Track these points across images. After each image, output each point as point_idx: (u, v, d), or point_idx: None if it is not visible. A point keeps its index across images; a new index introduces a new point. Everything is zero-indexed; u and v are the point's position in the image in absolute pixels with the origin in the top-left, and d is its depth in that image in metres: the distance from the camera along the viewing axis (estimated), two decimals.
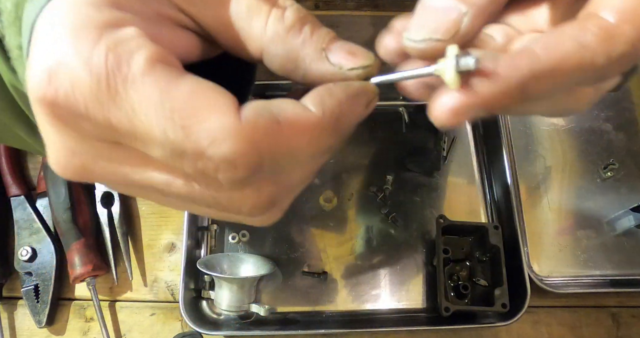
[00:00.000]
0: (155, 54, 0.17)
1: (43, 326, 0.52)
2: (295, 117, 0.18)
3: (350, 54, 0.21)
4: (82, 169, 0.19)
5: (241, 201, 0.20)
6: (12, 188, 0.57)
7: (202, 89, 0.17)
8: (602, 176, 0.58)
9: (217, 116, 0.17)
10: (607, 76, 0.20)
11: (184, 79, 0.17)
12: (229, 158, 0.17)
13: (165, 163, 0.18)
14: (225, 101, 0.17)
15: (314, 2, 0.70)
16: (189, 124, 0.17)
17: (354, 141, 0.61)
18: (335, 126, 0.20)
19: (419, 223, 0.57)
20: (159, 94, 0.17)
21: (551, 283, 0.54)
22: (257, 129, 0.17)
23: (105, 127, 0.17)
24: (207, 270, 0.50)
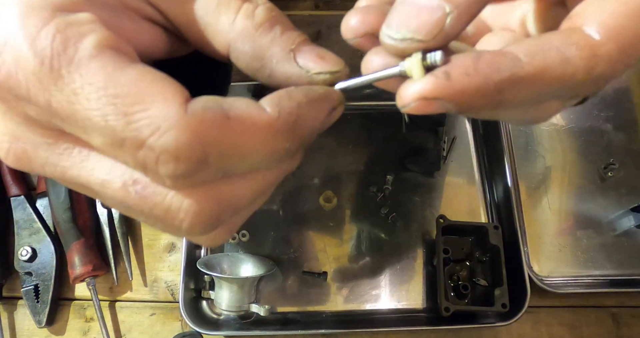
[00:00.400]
0: (106, 40, 0.17)
1: (43, 326, 0.52)
2: (247, 114, 0.17)
3: (319, 58, 0.20)
4: (23, 156, 0.19)
5: (181, 210, 0.18)
6: (12, 188, 0.57)
7: (149, 78, 0.16)
8: (602, 176, 0.58)
9: (161, 104, 0.16)
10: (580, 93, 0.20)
11: (132, 67, 0.16)
12: (170, 148, 0.16)
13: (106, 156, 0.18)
14: (172, 90, 0.16)
15: (314, 2, 0.70)
16: (132, 111, 0.16)
17: (354, 141, 0.61)
18: (292, 129, 0.19)
19: (419, 223, 0.57)
20: (103, 79, 0.16)
21: (551, 283, 0.54)
22: (204, 122, 0.16)
23: (46, 110, 0.17)
24: (207, 270, 0.50)
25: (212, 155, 0.17)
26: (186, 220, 0.18)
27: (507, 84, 0.17)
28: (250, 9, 0.20)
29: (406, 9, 0.18)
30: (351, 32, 0.21)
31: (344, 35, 0.21)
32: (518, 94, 0.18)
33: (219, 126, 0.17)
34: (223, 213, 0.19)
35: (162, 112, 0.16)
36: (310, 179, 0.60)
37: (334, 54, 0.20)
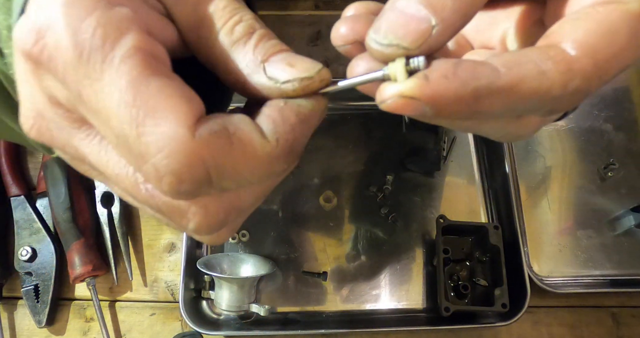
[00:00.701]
0: (140, 42, 0.17)
1: (43, 326, 0.52)
2: (248, 141, 0.18)
3: (289, 66, 0.20)
4: (46, 133, 0.20)
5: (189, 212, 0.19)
6: (12, 188, 0.57)
7: (168, 92, 0.17)
8: (602, 176, 0.58)
9: (173, 124, 0.17)
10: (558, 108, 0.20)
11: (156, 77, 0.17)
12: (174, 170, 0.17)
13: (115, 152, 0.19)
14: (186, 109, 0.17)
15: (314, 2, 0.70)
16: (144, 123, 0.17)
17: (353, 141, 0.61)
18: (289, 153, 0.20)
19: (419, 223, 0.57)
20: (126, 84, 0.17)
21: (551, 283, 0.54)
22: (209, 147, 0.17)
23: (75, 98, 0.18)
24: (207, 270, 0.50)
25: (214, 177, 0.18)
26: (193, 221, 0.19)
27: (484, 92, 0.17)
28: (231, 24, 0.20)
29: (394, 16, 0.18)
30: (340, 39, 0.21)
31: (333, 42, 0.21)
32: (495, 104, 0.18)
33: (223, 152, 0.18)
34: (228, 215, 0.20)
35: (171, 132, 0.17)
36: (310, 179, 0.60)
37: (309, 60, 0.20)
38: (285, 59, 0.20)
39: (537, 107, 0.19)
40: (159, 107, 0.17)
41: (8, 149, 0.59)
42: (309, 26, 0.68)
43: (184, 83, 0.18)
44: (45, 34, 0.17)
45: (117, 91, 0.17)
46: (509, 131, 0.22)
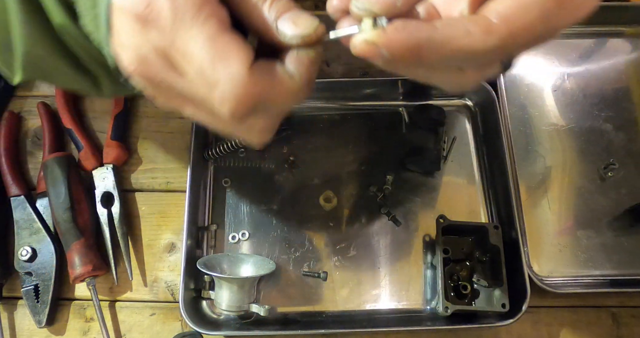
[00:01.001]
0: (213, 11, 0.26)
1: (43, 326, 0.52)
2: (283, 80, 0.27)
3: (293, 24, 0.27)
4: (147, 72, 0.28)
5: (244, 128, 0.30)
6: (12, 188, 0.57)
7: (234, 43, 0.26)
8: (602, 176, 0.58)
9: (237, 64, 0.25)
10: (485, 62, 0.28)
11: (225, 34, 0.26)
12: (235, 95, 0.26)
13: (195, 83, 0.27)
14: (245, 56, 0.26)
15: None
16: (219, 62, 0.25)
17: (354, 141, 0.61)
18: (306, 86, 0.28)
19: (419, 223, 0.57)
20: (207, 37, 0.25)
21: (551, 283, 0.54)
22: (259, 83, 0.26)
23: (170, 44, 0.26)
24: (207, 270, 0.50)
25: (259, 103, 0.27)
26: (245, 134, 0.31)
27: (424, 43, 0.24)
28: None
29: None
30: (332, 8, 0.28)
31: (328, 10, 0.28)
32: (433, 54, 0.25)
33: (267, 86, 0.26)
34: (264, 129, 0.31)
35: (236, 69, 0.25)
36: (310, 179, 0.60)
37: (309, 18, 0.27)
38: (291, 18, 0.27)
39: (469, 60, 0.27)
40: (228, 53, 0.25)
41: (8, 149, 0.59)
42: None
43: (241, 38, 0.26)
44: (152, 1, 0.25)
45: (200, 40, 0.25)
46: (454, 82, 0.29)
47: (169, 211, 0.58)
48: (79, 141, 0.59)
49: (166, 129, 0.63)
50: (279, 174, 0.60)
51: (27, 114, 0.63)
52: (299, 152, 0.61)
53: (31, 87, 0.65)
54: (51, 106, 0.62)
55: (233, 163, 0.61)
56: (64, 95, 0.61)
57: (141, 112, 0.63)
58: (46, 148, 0.59)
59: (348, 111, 0.63)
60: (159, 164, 0.61)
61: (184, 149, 0.61)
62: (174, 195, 0.59)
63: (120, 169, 0.60)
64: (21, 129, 0.63)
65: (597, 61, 0.65)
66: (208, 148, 0.59)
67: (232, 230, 0.57)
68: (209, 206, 0.59)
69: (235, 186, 0.59)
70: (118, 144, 0.59)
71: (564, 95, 0.63)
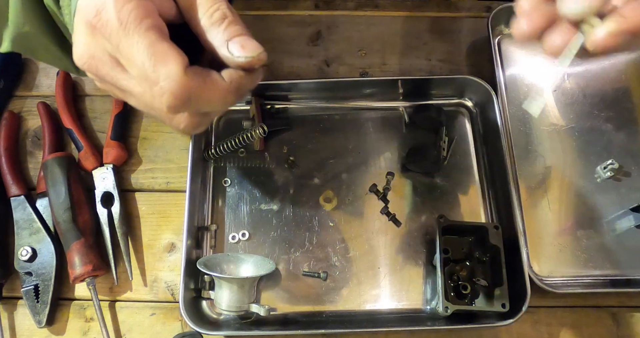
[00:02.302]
0: (154, 22, 0.31)
1: (43, 326, 0.52)
2: (215, 81, 0.32)
3: (241, 47, 0.32)
4: (92, 67, 0.33)
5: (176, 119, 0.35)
6: (12, 188, 0.57)
7: (171, 50, 0.31)
8: (602, 176, 0.58)
9: (174, 65, 0.30)
10: None
11: (164, 41, 0.31)
12: (172, 90, 0.30)
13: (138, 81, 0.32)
14: (181, 59, 0.31)
15: (314, 2, 0.70)
16: (158, 64, 0.30)
17: (354, 141, 0.61)
18: (236, 91, 0.34)
19: (419, 223, 0.57)
20: (148, 43, 0.30)
21: (551, 283, 0.54)
22: (192, 81, 0.31)
23: (115, 48, 0.31)
24: (207, 270, 0.50)
25: (192, 99, 0.31)
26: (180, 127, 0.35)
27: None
28: (211, 11, 0.33)
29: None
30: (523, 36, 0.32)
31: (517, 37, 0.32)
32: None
33: (199, 86, 0.31)
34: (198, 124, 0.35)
35: (174, 70, 0.30)
36: (310, 179, 0.60)
37: (255, 45, 0.33)
38: (240, 42, 0.33)
39: None
40: (166, 57, 0.30)
41: (8, 149, 0.59)
42: (309, 26, 0.68)
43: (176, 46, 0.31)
44: (102, 11, 0.30)
45: (142, 47, 0.30)
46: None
47: (169, 211, 0.58)
48: (79, 141, 0.59)
49: (166, 129, 0.63)
50: (279, 174, 0.60)
51: (27, 114, 0.63)
52: (299, 152, 0.61)
53: (31, 87, 0.65)
54: (51, 106, 0.62)
55: (233, 163, 0.61)
56: (64, 95, 0.61)
57: (141, 113, 0.63)
58: (46, 148, 0.59)
59: (348, 111, 0.63)
60: (159, 164, 0.61)
61: (184, 149, 0.61)
62: (174, 195, 0.59)
63: (120, 169, 0.60)
64: (21, 129, 0.63)
65: (597, 61, 0.65)
66: (208, 148, 0.59)
67: (232, 230, 0.57)
68: (209, 206, 0.59)
69: (235, 186, 0.59)
70: (118, 144, 0.59)
71: (564, 95, 0.63)
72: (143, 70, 0.30)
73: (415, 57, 0.66)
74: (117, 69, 0.32)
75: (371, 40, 0.67)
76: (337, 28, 0.68)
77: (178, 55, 0.30)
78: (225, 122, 0.63)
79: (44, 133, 0.60)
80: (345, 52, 0.67)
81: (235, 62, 0.33)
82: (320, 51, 0.67)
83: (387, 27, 0.68)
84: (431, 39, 0.67)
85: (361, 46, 0.67)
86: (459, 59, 0.66)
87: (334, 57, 0.66)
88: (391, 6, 0.69)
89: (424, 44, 0.67)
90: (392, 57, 0.66)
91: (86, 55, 0.32)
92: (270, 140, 0.61)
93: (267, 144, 0.61)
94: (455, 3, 0.70)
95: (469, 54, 0.66)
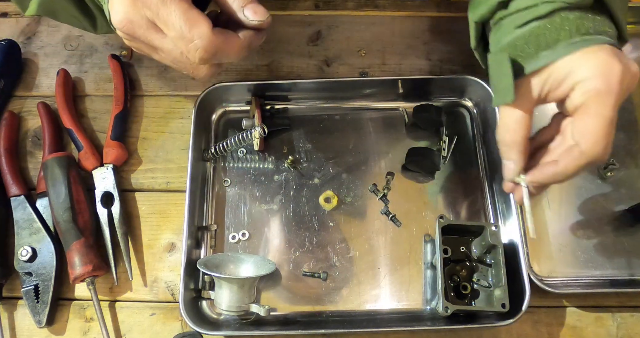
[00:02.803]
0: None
1: (43, 326, 0.52)
2: (232, 38, 0.41)
3: (254, 12, 0.41)
4: (130, 30, 0.40)
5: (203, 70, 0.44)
6: (12, 188, 0.57)
7: (200, 15, 0.39)
8: (602, 176, 0.58)
9: (204, 28, 0.38)
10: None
11: (193, 9, 0.39)
12: (204, 45, 0.39)
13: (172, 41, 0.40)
14: (208, 23, 0.39)
15: (314, 2, 0.70)
16: (192, 26, 0.38)
17: (354, 141, 0.61)
18: (248, 46, 0.43)
19: (419, 223, 0.57)
20: (183, 11, 0.38)
21: (551, 283, 0.54)
22: (217, 39, 0.39)
23: (155, 14, 0.38)
24: (207, 270, 0.50)
25: (217, 52, 0.40)
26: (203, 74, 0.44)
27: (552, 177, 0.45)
28: None
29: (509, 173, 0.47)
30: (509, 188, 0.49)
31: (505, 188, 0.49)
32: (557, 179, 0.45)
33: (223, 42, 0.40)
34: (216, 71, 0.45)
35: (205, 31, 0.38)
36: (310, 179, 0.60)
37: (263, 9, 0.42)
38: (253, 8, 0.41)
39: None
40: (198, 21, 0.38)
41: (8, 149, 0.59)
42: (309, 26, 0.68)
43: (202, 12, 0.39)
44: None
45: (178, 14, 0.38)
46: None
47: (169, 211, 0.58)
48: (79, 141, 0.59)
49: (166, 129, 0.63)
50: (279, 174, 0.60)
51: (27, 114, 0.63)
52: (299, 152, 0.61)
53: (31, 87, 0.65)
54: (51, 106, 0.62)
55: (233, 163, 0.61)
56: (64, 95, 0.61)
57: (141, 112, 0.63)
58: (46, 148, 0.59)
59: (348, 111, 0.63)
60: (159, 164, 0.61)
61: (184, 149, 0.61)
62: (174, 195, 0.59)
63: (120, 169, 0.60)
64: (21, 129, 0.63)
65: None
66: (208, 148, 0.59)
67: (232, 230, 0.57)
68: (209, 206, 0.59)
69: (235, 186, 0.59)
70: (118, 144, 0.59)
71: None
72: (180, 32, 0.38)
73: (415, 57, 0.66)
74: (151, 30, 0.40)
75: (371, 40, 0.67)
76: (337, 28, 0.68)
77: (206, 19, 0.39)
78: (225, 122, 0.63)
79: (44, 133, 0.60)
80: (345, 52, 0.67)
81: (249, 24, 0.42)
82: (320, 51, 0.67)
83: (387, 27, 0.68)
84: (431, 39, 0.67)
85: (361, 46, 0.67)
86: (459, 59, 0.66)
87: (334, 57, 0.66)
88: (391, 6, 0.69)
89: (424, 44, 0.67)
90: (392, 57, 0.66)
91: (125, 20, 0.39)
92: (270, 140, 0.61)
93: (267, 144, 0.61)
94: (455, 3, 0.70)
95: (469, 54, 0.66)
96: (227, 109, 0.63)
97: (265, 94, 0.61)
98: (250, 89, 0.61)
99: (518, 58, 0.43)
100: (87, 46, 0.67)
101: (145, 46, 0.42)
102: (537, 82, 0.42)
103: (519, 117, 0.44)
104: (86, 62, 0.66)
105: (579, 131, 0.41)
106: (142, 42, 0.41)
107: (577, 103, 0.41)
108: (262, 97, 0.61)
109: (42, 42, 0.68)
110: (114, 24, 0.40)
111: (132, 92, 0.64)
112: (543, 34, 0.42)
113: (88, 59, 0.67)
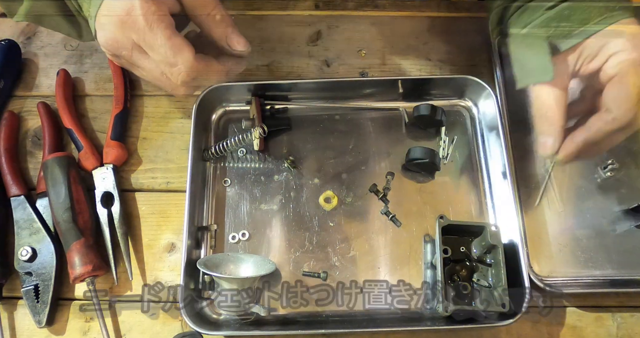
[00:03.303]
0: (169, 21, 0.43)
1: (43, 326, 0.52)
2: (214, 65, 0.47)
3: (237, 43, 0.47)
4: (116, 48, 0.44)
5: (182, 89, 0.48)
6: (12, 188, 0.57)
7: (184, 41, 0.44)
8: (602, 176, 0.58)
9: (187, 54, 0.44)
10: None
11: (178, 36, 0.43)
12: (187, 69, 0.44)
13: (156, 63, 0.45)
14: (191, 48, 0.44)
15: (314, 2, 0.70)
16: (176, 53, 0.43)
17: (354, 141, 0.61)
18: (227, 73, 0.49)
19: (419, 223, 0.57)
20: (167, 37, 0.42)
21: (551, 283, 0.54)
22: (199, 64, 0.45)
23: (142, 38, 0.42)
24: (207, 270, 0.50)
25: (198, 76, 0.46)
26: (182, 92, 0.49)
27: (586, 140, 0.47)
28: (213, 14, 0.46)
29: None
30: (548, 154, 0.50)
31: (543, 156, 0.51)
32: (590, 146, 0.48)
33: (204, 68, 0.46)
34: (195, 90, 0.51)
35: (187, 57, 0.44)
36: (310, 179, 0.60)
37: (245, 40, 0.48)
38: (234, 39, 0.47)
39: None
40: (182, 47, 0.43)
41: (8, 149, 0.59)
42: (309, 26, 0.68)
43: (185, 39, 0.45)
44: (131, 11, 0.42)
45: (163, 39, 0.42)
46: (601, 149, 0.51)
47: (169, 211, 0.58)
48: (79, 141, 0.59)
49: (166, 129, 0.63)
50: (279, 174, 0.60)
51: (27, 114, 0.63)
52: (299, 152, 0.61)
53: (31, 87, 0.65)
54: (51, 106, 0.62)
55: (233, 163, 0.61)
56: (64, 95, 0.61)
57: (141, 112, 0.63)
58: (46, 148, 0.59)
59: (348, 111, 0.63)
60: (159, 164, 0.61)
61: (184, 149, 0.61)
62: (174, 195, 0.59)
63: (120, 169, 0.60)
64: (21, 129, 0.63)
65: None
66: (208, 148, 0.59)
67: (232, 230, 0.57)
68: (209, 206, 0.59)
69: (235, 186, 0.59)
70: (118, 144, 0.59)
71: None
72: (165, 56, 0.43)
73: (415, 57, 0.66)
74: (136, 51, 0.44)
75: (371, 40, 0.67)
76: (337, 28, 0.68)
77: (189, 46, 0.44)
78: (225, 122, 0.63)
79: (44, 133, 0.60)
80: (345, 52, 0.67)
81: (230, 52, 0.48)
82: (320, 51, 0.67)
83: (387, 27, 0.68)
84: (431, 39, 0.67)
85: (361, 46, 0.67)
86: (459, 59, 0.66)
87: (334, 57, 0.66)
88: (391, 6, 0.69)
89: (424, 44, 0.67)
90: (392, 57, 0.66)
91: (111, 40, 0.44)
92: (270, 140, 0.61)
93: (267, 144, 0.61)
94: (455, 3, 0.70)
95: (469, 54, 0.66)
96: (227, 109, 0.63)
97: (265, 94, 0.61)
98: (250, 89, 0.61)
99: (551, 37, 0.46)
100: (87, 46, 0.67)
101: (128, 63, 0.46)
102: (572, 58, 0.46)
103: (558, 94, 0.46)
104: (86, 62, 0.66)
105: (612, 99, 0.44)
106: (126, 60, 0.45)
107: (611, 73, 0.44)
108: (262, 97, 0.61)
109: (42, 42, 0.68)
110: (100, 42, 0.44)
111: (132, 92, 0.64)
112: (574, 13, 0.44)
113: (88, 59, 0.67)
